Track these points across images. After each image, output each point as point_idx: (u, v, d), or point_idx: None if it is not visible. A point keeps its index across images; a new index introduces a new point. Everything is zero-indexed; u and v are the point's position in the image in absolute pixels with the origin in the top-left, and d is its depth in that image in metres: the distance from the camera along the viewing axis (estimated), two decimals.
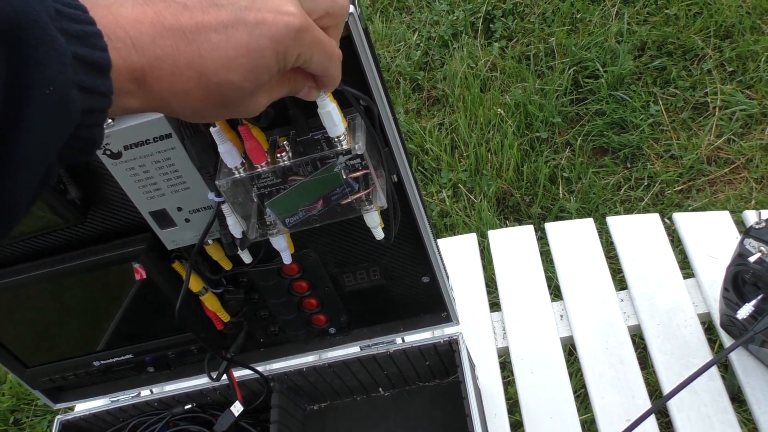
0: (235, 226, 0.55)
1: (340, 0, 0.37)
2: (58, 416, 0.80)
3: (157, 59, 0.29)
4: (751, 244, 0.64)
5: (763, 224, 0.64)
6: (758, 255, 0.63)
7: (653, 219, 0.89)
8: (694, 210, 1.53)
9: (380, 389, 0.83)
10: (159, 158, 0.51)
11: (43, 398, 0.78)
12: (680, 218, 0.87)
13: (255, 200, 0.53)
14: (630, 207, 1.60)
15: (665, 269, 0.84)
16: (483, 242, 1.19)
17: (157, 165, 0.51)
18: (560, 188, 1.66)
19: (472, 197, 1.68)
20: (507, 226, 1.62)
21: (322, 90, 0.40)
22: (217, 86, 0.31)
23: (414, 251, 0.66)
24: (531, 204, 1.65)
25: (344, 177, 0.53)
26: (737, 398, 0.90)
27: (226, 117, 0.36)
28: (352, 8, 0.46)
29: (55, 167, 0.27)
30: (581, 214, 1.61)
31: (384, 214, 0.59)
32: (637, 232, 0.88)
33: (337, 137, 0.46)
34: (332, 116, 0.44)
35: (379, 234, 0.58)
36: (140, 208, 0.54)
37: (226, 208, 0.55)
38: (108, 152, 0.50)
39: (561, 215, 1.62)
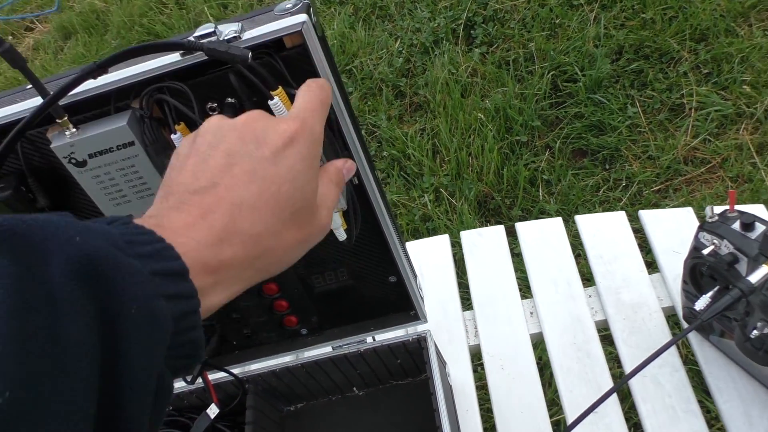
0: None
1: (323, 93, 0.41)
2: None
3: (225, 241, 0.32)
4: (705, 237, 0.66)
5: (716, 218, 0.66)
6: (711, 247, 0.65)
7: (619, 217, 0.91)
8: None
9: (354, 389, 0.84)
10: (123, 165, 0.52)
11: None
12: (646, 215, 0.90)
13: None
14: (609, 207, 1.62)
15: (631, 265, 0.86)
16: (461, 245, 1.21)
17: (122, 172, 0.53)
18: (540, 190, 1.68)
19: (453, 201, 1.70)
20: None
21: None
22: (284, 197, 0.34)
23: (379, 251, 0.68)
24: (512, 206, 1.68)
25: None
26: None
27: (304, 237, 0.37)
28: (305, 17, 0.48)
29: (167, 380, 0.29)
30: (561, 215, 1.63)
31: (347, 215, 0.61)
32: (604, 230, 0.90)
33: None
34: None
35: (341, 235, 0.60)
36: (107, 214, 0.56)
37: None
38: (73, 161, 0.51)
39: (541, 217, 1.64)
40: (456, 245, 1.06)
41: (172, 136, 0.50)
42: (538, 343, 0.86)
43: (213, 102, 0.51)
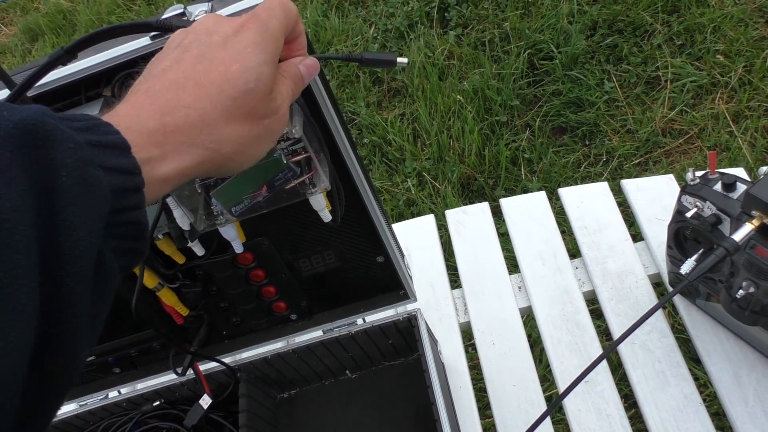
0: (182, 219, 0.56)
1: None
2: None
3: (168, 113, 0.32)
4: (687, 200, 0.67)
5: (698, 180, 0.67)
6: (694, 210, 0.66)
7: (602, 187, 0.91)
8: None
9: (347, 372, 0.84)
10: None
11: None
12: (628, 185, 0.90)
13: (200, 191, 0.54)
14: (591, 183, 1.63)
15: (615, 234, 0.86)
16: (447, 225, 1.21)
17: None
18: (522, 169, 1.69)
19: (436, 184, 1.70)
20: None
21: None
22: (230, 86, 0.34)
23: (365, 232, 0.67)
24: (495, 187, 1.68)
25: (285, 162, 0.54)
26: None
27: (259, 131, 0.36)
28: None
29: (109, 260, 0.28)
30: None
31: (330, 196, 0.60)
32: (588, 201, 0.90)
33: None
34: None
35: (326, 216, 0.59)
36: None
37: (171, 201, 0.55)
38: None
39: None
40: (441, 227, 1.07)
41: None
42: (528, 318, 0.86)
43: None
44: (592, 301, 0.84)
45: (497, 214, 0.98)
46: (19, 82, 0.47)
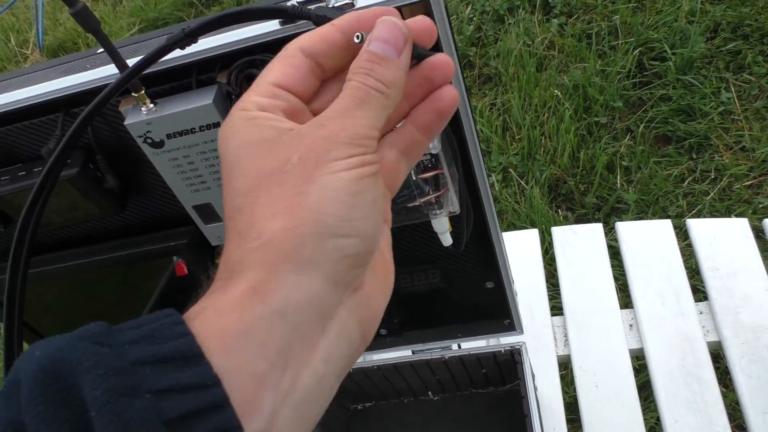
0: None
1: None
2: None
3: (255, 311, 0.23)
4: None
5: None
6: None
7: (740, 224, 0.80)
8: (765, 207, 1.42)
9: (429, 393, 0.77)
10: (205, 149, 0.45)
11: None
12: None
13: None
14: (694, 201, 1.49)
15: (752, 281, 0.75)
16: (545, 238, 1.12)
17: (203, 156, 0.46)
18: (618, 178, 1.56)
19: (523, 183, 1.60)
20: (559, 215, 1.54)
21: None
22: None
23: (479, 254, 0.60)
24: (585, 193, 1.56)
25: (414, 177, 0.47)
26: None
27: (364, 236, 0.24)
28: None
29: None
30: (640, 205, 1.52)
31: (456, 219, 0.53)
32: (722, 239, 0.79)
33: None
34: None
35: (447, 240, 0.52)
36: (183, 201, 0.49)
37: None
38: (149, 140, 0.44)
39: (618, 206, 1.53)
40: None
41: None
42: (638, 362, 0.77)
43: None
44: (718, 355, 0.74)
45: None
46: (125, 58, 0.41)
